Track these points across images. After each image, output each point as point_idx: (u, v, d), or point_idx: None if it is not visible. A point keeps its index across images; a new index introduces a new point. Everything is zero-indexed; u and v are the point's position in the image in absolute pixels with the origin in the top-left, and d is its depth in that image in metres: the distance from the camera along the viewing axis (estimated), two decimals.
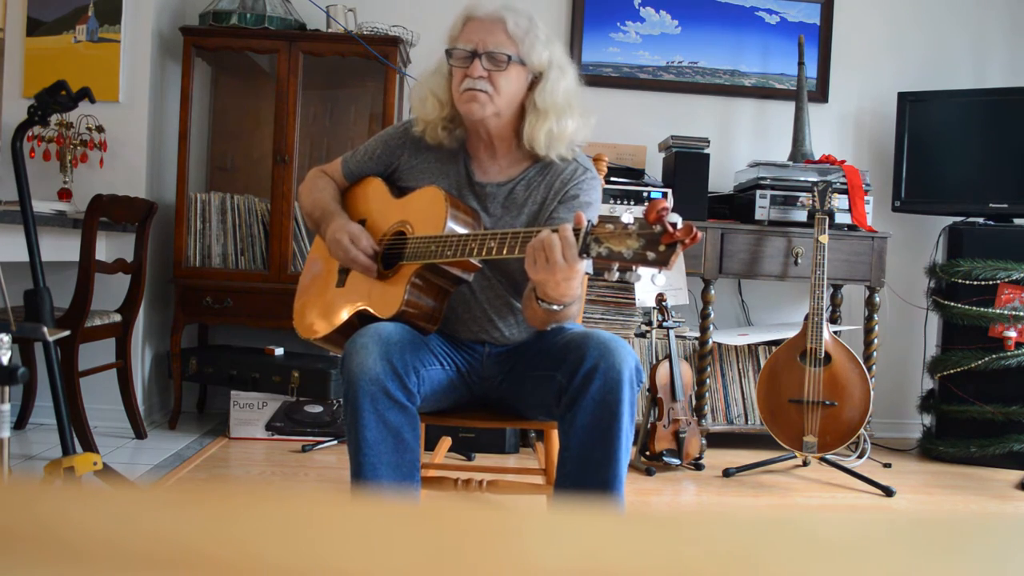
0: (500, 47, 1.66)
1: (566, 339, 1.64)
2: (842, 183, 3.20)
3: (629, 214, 1.31)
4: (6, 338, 1.56)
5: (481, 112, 1.67)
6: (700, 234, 1.28)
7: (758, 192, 3.23)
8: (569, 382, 1.53)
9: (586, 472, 1.54)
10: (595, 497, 1.53)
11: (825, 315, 2.88)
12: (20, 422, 3.08)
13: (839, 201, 3.12)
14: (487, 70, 1.66)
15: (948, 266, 3.28)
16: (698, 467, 3.01)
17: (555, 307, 1.51)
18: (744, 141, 3.75)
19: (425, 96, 1.76)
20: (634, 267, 1.30)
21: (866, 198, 3.23)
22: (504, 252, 1.49)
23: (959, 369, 3.21)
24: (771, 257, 3.22)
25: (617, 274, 1.32)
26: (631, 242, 1.28)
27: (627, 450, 1.54)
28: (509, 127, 1.74)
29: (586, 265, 1.40)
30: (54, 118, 3.00)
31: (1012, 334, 3.13)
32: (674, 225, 1.25)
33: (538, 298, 1.52)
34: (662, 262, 1.26)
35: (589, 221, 1.35)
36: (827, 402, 2.84)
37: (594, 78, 3.65)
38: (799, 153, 3.43)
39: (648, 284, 3.06)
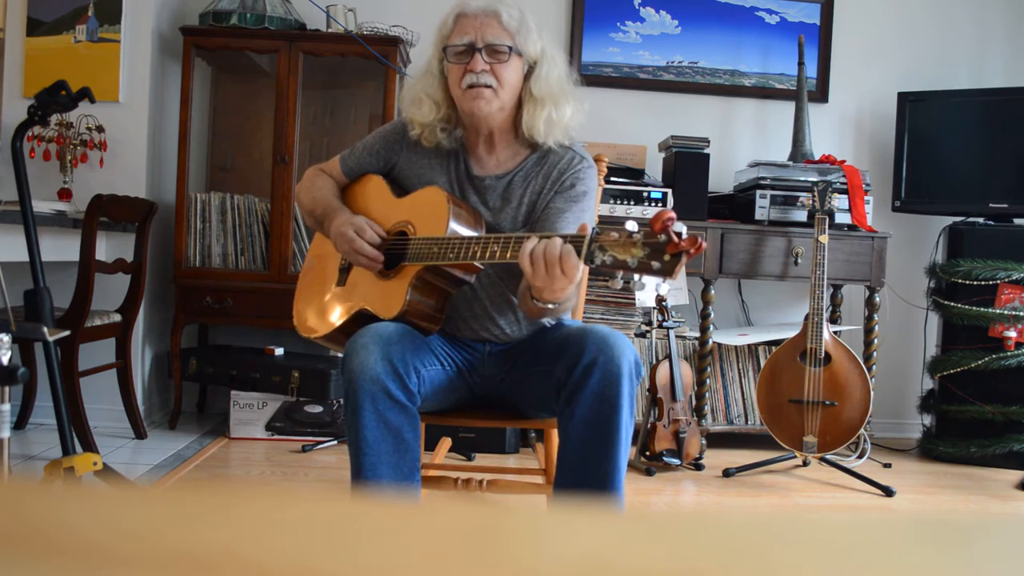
0: (499, 39, 1.66)
1: (565, 334, 1.64)
2: (842, 183, 3.20)
3: (633, 222, 1.30)
4: (6, 338, 1.56)
5: (488, 108, 1.67)
6: (705, 245, 1.27)
7: (758, 192, 3.23)
8: (568, 376, 1.53)
9: (586, 465, 1.54)
10: (595, 491, 1.53)
11: (825, 315, 2.88)
12: (20, 422, 3.08)
13: (839, 201, 3.12)
14: (488, 63, 1.66)
15: (948, 266, 3.28)
16: (698, 467, 3.01)
17: (550, 305, 1.52)
18: (744, 141, 3.75)
19: (420, 99, 1.74)
20: (638, 276, 1.29)
21: (866, 198, 3.23)
22: (508, 256, 1.48)
23: (959, 369, 3.21)
24: (771, 257, 3.22)
25: (621, 282, 1.31)
26: (636, 251, 1.27)
27: (627, 444, 1.54)
28: (509, 120, 1.74)
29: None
30: (54, 118, 3.00)
31: (1012, 334, 3.13)
32: (679, 235, 1.24)
33: (533, 297, 1.52)
34: (667, 272, 1.25)
35: (594, 229, 1.34)
36: (827, 402, 2.84)
37: (594, 78, 3.65)
38: (799, 153, 3.43)
39: (651, 291, 3.06)
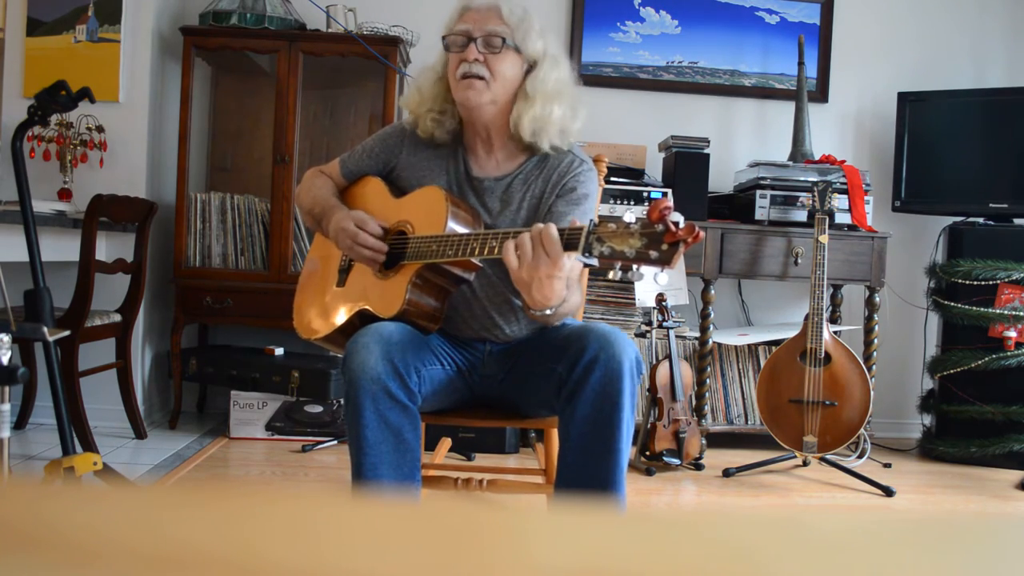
0: (495, 29, 1.68)
1: (566, 333, 1.64)
2: (842, 183, 3.20)
3: (631, 213, 1.31)
4: (6, 338, 1.56)
5: (478, 99, 1.67)
6: (702, 233, 1.28)
7: (758, 192, 3.23)
8: (569, 373, 1.53)
9: (587, 463, 1.54)
10: (596, 488, 1.53)
11: (825, 315, 2.88)
12: (20, 422, 3.08)
13: (839, 201, 3.12)
14: (482, 53, 1.67)
15: (948, 266, 3.28)
16: (698, 467, 3.01)
17: (547, 312, 1.48)
18: (744, 141, 3.75)
19: (417, 88, 1.80)
20: (636, 266, 1.30)
21: (866, 198, 3.23)
22: None
23: (959, 369, 3.21)
24: (771, 257, 3.22)
25: (620, 273, 1.32)
26: (634, 241, 1.28)
27: (628, 441, 1.54)
28: (503, 117, 1.72)
29: (574, 259, 1.40)
30: (54, 118, 3.00)
31: (1012, 334, 3.13)
32: (676, 224, 1.25)
33: (527, 306, 1.49)
34: (665, 261, 1.26)
35: (591, 220, 1.35)
36: (827, 402, 2.84)
37: (594, 78, 3.65)
38: (799, 153, 3.43)
39: (650, 283, 3.06)
